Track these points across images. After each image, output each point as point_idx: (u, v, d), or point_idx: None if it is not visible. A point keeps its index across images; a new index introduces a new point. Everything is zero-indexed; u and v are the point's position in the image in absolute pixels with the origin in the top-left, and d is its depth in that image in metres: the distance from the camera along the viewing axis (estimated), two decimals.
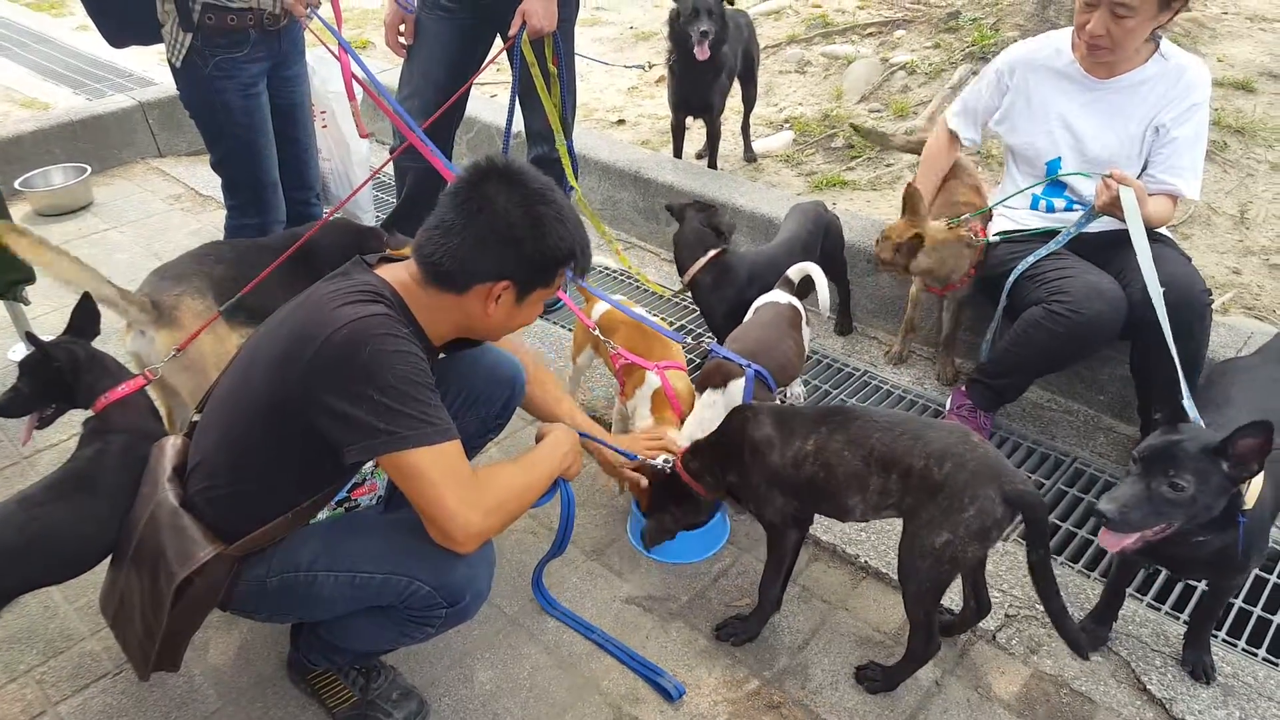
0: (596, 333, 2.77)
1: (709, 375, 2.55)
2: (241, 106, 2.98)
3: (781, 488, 2.17)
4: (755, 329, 2.73)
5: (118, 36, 2.99)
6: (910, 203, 2.98)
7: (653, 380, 2.64)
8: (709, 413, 2.48)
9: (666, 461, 2.30)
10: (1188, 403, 1.98)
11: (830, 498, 2.11)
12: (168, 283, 2.55)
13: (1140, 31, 2.61)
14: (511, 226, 1.73)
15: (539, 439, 2.06)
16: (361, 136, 3.24)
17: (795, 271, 2.97)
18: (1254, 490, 1.84)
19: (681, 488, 2.27)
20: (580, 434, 2.16)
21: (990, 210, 3.09)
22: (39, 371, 2.14)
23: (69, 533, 1.94)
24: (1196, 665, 2.19)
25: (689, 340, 2.60)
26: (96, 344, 2.25)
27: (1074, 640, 1.99)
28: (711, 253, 3.06)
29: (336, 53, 2.98)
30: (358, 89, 3.00)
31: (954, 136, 3.24)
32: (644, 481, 2.30)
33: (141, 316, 2.46)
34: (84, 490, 1.98)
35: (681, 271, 3.14)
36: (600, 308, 2.90)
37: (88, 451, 2.04)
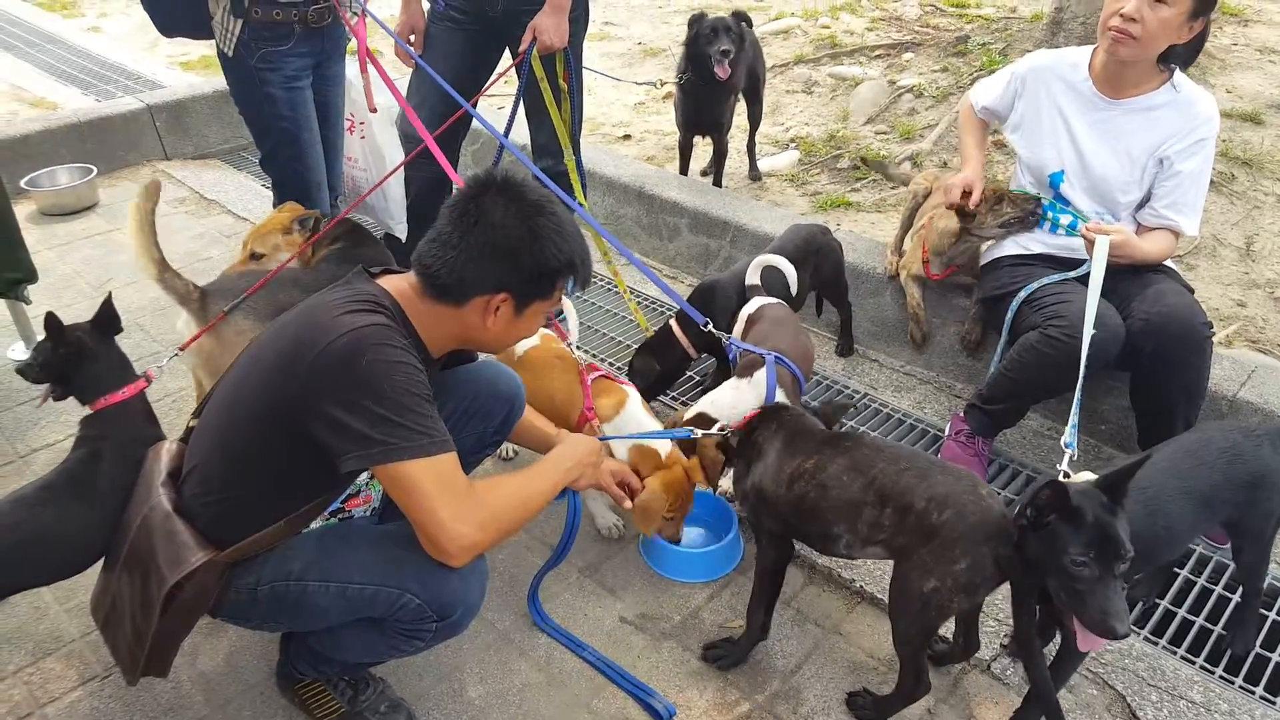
0: (571, 347, 2.71)
1: (740, 370, 2.62)
2: (285, 98, 3.07)
3: (768, 504, 2.15)
4: (769, 327, 2.76)
5: (169, 27, 3.15)
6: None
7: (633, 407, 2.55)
8: (731, 394, 2.54)
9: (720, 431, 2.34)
10: (1070, 434, 2.05)
11: (818, 520, 2.06)
12: (233, 291, 2.62)
13: (1169, 30, 2.58)
14: (509, 239, 1.72)
15: (551, 448, 2.04)
16: (370, 110, 3.31)
17: (754, 269, 2.97)
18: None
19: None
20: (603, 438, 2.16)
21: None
22: (50, 352, 2.08)
23: (61, 535, 1.93)
24: None
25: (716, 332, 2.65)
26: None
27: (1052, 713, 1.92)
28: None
29: (355, 23, 3.05)
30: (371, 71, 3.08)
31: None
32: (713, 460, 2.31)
33: (180, 299, 2.63)
34: (77, 493, 1.96)
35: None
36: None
37: (81, 453, 2.02)
